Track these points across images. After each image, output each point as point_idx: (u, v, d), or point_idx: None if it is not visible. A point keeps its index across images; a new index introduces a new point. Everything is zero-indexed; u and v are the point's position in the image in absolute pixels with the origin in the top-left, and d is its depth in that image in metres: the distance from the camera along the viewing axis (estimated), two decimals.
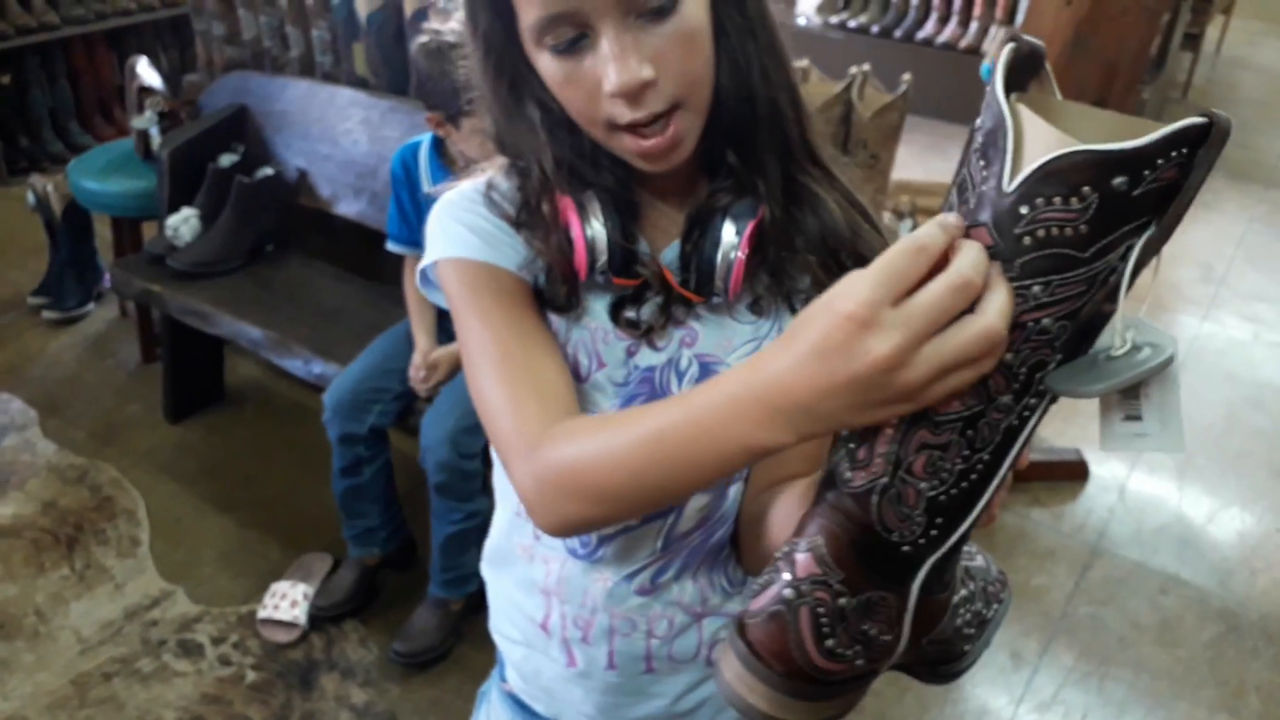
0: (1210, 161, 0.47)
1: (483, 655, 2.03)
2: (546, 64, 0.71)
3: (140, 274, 2.49)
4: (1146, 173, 0.47)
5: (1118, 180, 0.46)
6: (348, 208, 2.48)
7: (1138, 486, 2.65)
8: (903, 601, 0.59)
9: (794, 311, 0.81)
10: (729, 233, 0.75)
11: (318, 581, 2.16)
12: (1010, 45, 0.53)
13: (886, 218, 2.28)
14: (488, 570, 0.99)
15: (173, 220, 2.52)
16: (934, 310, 0.50)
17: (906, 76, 2.17)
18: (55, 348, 3.01)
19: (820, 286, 0.69)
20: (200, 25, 2.98)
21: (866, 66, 2.19)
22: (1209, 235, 4.06)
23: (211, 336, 2.47)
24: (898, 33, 5.03)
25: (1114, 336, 0.52)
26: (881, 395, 0.52)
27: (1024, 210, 0.48)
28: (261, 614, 2.09)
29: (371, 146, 2.44)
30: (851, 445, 0.57)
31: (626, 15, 0.68)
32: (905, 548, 0.57)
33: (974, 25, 4.87)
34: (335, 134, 2.50)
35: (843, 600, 0.57)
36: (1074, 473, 2.66)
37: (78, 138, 4.08)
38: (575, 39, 0.69)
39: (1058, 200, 0.47)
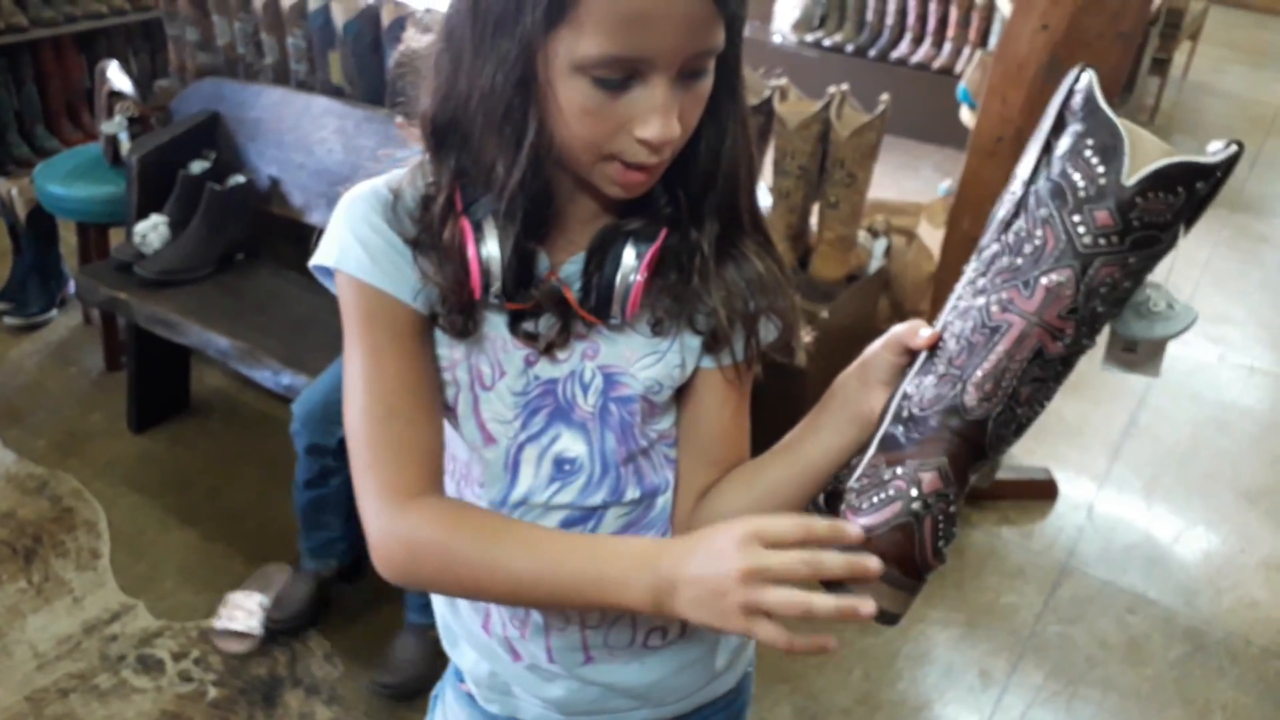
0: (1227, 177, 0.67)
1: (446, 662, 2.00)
2: (577, 90, 0.71)
3: (106, 281, 2.45)
4: (1212, 181, 0.66)
5: (1199, 184, 0.66)
6: (320, 217, 2.45)
7: (1106, 506, 2.67)
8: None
9: (696, 332, 0.84)
10: (629, 256, 0.79)
11: (275, 592, 2.13)
12: (1090, 71, 0.70)
13: (861, 236, 2.29)
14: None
15: (141, 227, 2.49)
16: (786, 563, 0.67)
17: (885, 96, 2.19)
18: (17, 354, 2.96)
19: (719, 322, 0.82)
20: (173, 30, 2.95)
21: (845, 86, 2.20)
22: (1174, 259, 4.11)
23: (178, 345, 2.44)
24: (872, 52, 5.07)
25: (1154, 298, 0.71)
26: (714, 602, 0.68)
27: (1139, 200, 0.65)
28: (217, 624, 2.05)
29: (346, 156, 2.41)
30: (986, 384, 0.71)
31: (682, 73, 0.71)
32: (986, 461, 0.73)
33: (947, 46, 4.92)
34: (309, 142, 2.48)
35: (952, 508, 0.72)
36: (1043, 491, 2.67)
37: (44, 142, 4.02)
38: (626, 79, 0.70)
39: (1162, 195, 0.65)
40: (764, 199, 2.24)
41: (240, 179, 2.54)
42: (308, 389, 2.02)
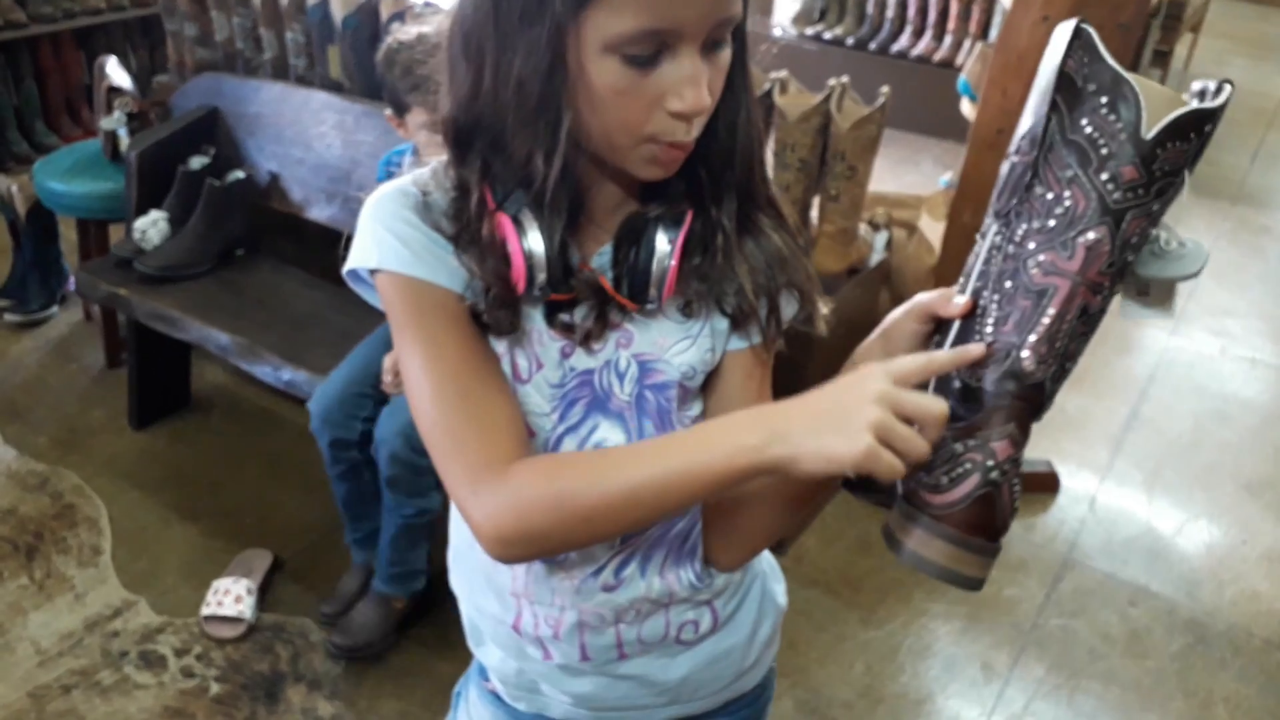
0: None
1: (451, 666, 2.01)
2: (608, 71, 0.71)
3: (106, 277, 2.45)
4: (1218, 120, 0.69)
5: (1208, 128, 0.68)
6: (320, 212, 2.45)
7: (1107, 498, 2.67)
8: None
9: (724, 313, 0.85)
10: (662, 242, 0.79)
11: (260, 576, 2.14)
12: (1088, 26, 0.71)
13: (862, 229, 2.29)
14: (455, 580, 1.00)
15: (140, 223, 2.48)
16: (925, 405, 0.68)
17: (885, 89, 2.18)
18: (17, 351, 2.96)
19: (747, 297, 0.83)
20: (172, 26, 2.95)
21: (845, 79, 2.19)
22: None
23: (179, 341, 2.43)
24: (873, 45, 5.06)
25: (1166, 238, 0.73)
26: (843, 419, 0.67)
27: (1159, 151, 0.68)
28: (205, 611, 2.06)
29: (345, 150, 2.41)
30: (1041, 347, 0.73)
31: (706, 44, 0.73)
32: (1041, 415, 0.75)
33: (948, 39, 4.91)
34: (308, 137, 2.48)
35: (1020, 465, 0.74)
36: (1045, 484, 2.67)
37: (43, 138, 4.02)
38: (655, 54, 0.71)
39: (1179, 143, 0.68)
40: None
41: (240, 174, 2.53)
42: (323, 385, 2.01)
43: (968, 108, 2.90)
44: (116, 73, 2.85)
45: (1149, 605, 2.33)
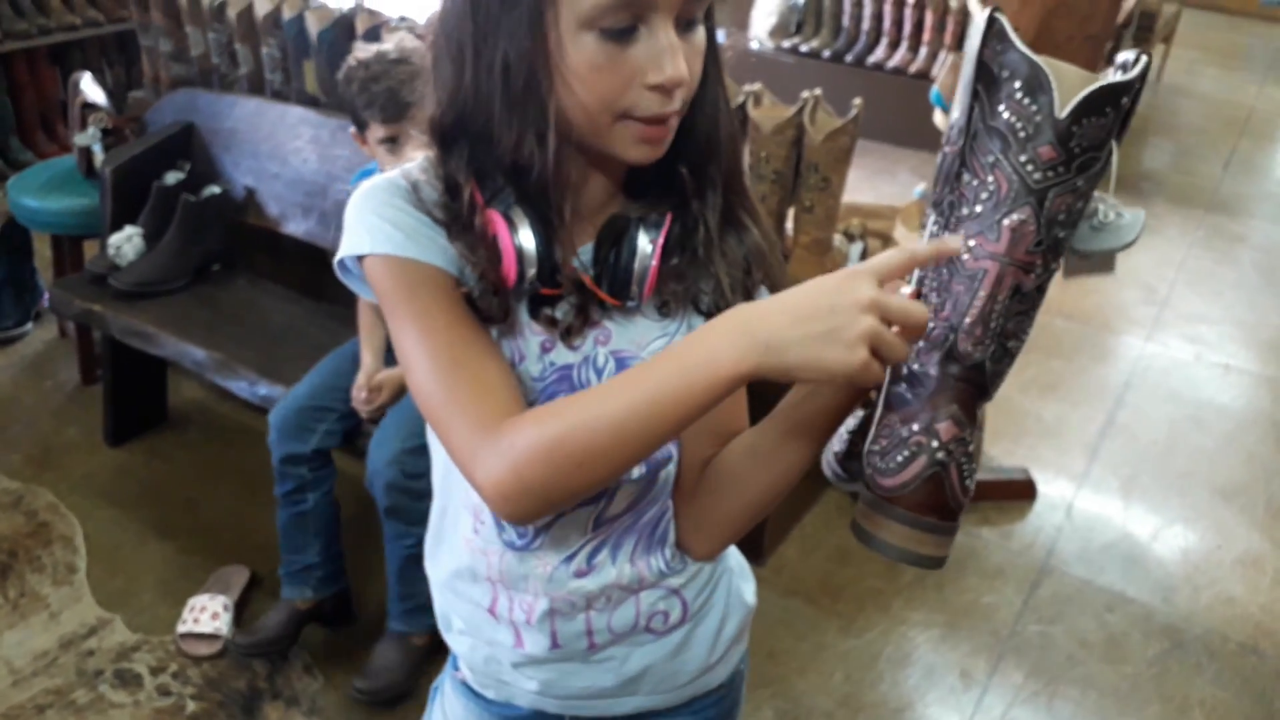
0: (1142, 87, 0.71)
1: (430, 679, 1.99)
2: (586, 47, 0.73)
3: (81, 294, 2.44)
4: (1135, 93, 0.69)
5: (1124, 100, 0.69)
6: (296, 227, 2.45)
7: (1084, 505, 2.68)
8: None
9: (700, 312, 0.87)
10: (644, 241, 0.81)
11: (237, 593, 2.13)
12: (1000, 14, 0.72)
13: (837, 240, 2.30)
14: (431, 565, 1.01)
15: (115, 239, 2.47)
16: (908, 308, 0.68)
17: (857, 101, 2.19)
18: None
19: (724, 294, 0.84)
20: (146, 41, 2.94)
21: (818, 91, 2.20)
22: (1151, 259, 4.15)
23: (154, 357, 2.42)
24: (849, 57, 5.10)
25: (1103, 210, 0.75)
26: (838, 333, 0.66)
27: (1075, 129, 0.68)
28: (181, 629, 2.05)
29: (321, 165, 2.41)
30: (976, 329, 0.74)
31: (679, 17, 0.74)
32: (991, 395, 0.77)
33: (923, 51, 4.95)
34: (284, 152, 2.47)
35: (970, 446, 0.75)
36: (1022, 492, 2.69)
37: (18, 154, 4.00)
38: (629, 27, 0.73)
39: (1094, 118, 0.68)
40: None
41: (215, 189, 2.53)
42: (284, 398, 2.01)
43: (940, 118, 2.92)
44: (91, 89, 2.84)
45: (1126, 611, 2.35)
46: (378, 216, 0.80)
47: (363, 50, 1.81)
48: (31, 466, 2.54)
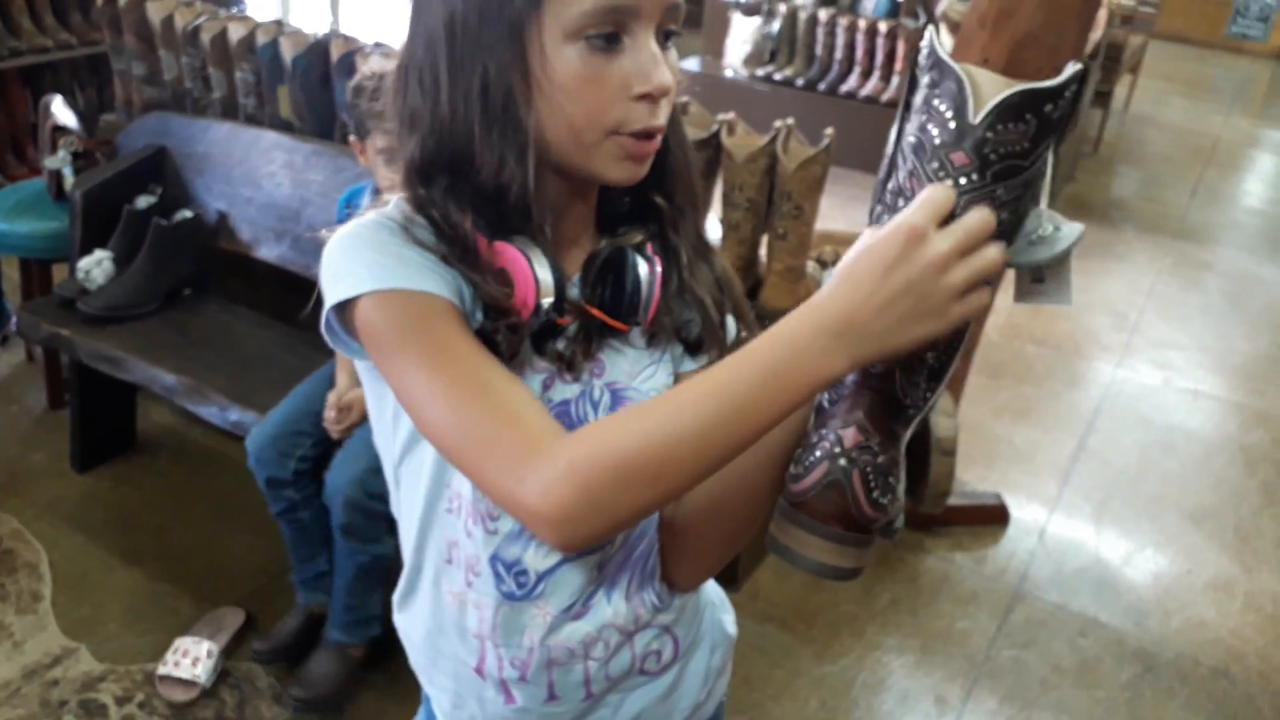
0: (1083, 93, 0.65)
1: (402, 709, 1.97)
2: (571, 60, 0.73)
3: (49, 318, 2.41)
4: (1061, 101, 0.67)
5: (1048, 107, 0.66)
6: (269, 251, 2.43)
7: (1057, 530, 2.70)
8: (900, 456, 0.76)
9: (683, 342, 0.87)
10: (643, 267, 0.82)
11: (227, 638, 2.08)
12: (930, 28, 0.72)
13: (810, 267, 2.32)
14: (401, 619, 0.97)
15: (85, 262, 2.45)
16: (972, 229, 0.66)
17: (829, 130, 2.22)
18: None
19: (710, 323, 0.86)
20: (119, 65, 2.92)
21: (790, 120, 2.22)
22: (1121, 285, 4.21)
23: (123, 382, 2.39)
24: (821, 86, 5.15)
25: (1040, 222, 0.71)
26: (927, 304, 0.65)
27: (989, 135, 0.66)
28: (161, 670, 2.00)
29: (295, 190, 2.40)
30: None
31: (659, 29, 0.75)
32: (910, 411, 0.75)
33: (895, 80, 5.01)
34: (258, 177, 2.46)
35: (880, 459, 0.73)
36: (995, 517, 2.70)
37: None
38: (612, 35, 0.73)
39: (1012, 125, 0.66)
40: (714, 230, 2.25)
41: (187, 213, 2.51)
42: (258, 424, 1.99)
43: None
44: (62, 111, 2.82)
45: (1098, 635, 2.36)
46: (376, 253, 0.76)
47: (371, 65, 1.79)
48: None
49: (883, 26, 4.98)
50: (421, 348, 0.74)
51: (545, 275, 0.77)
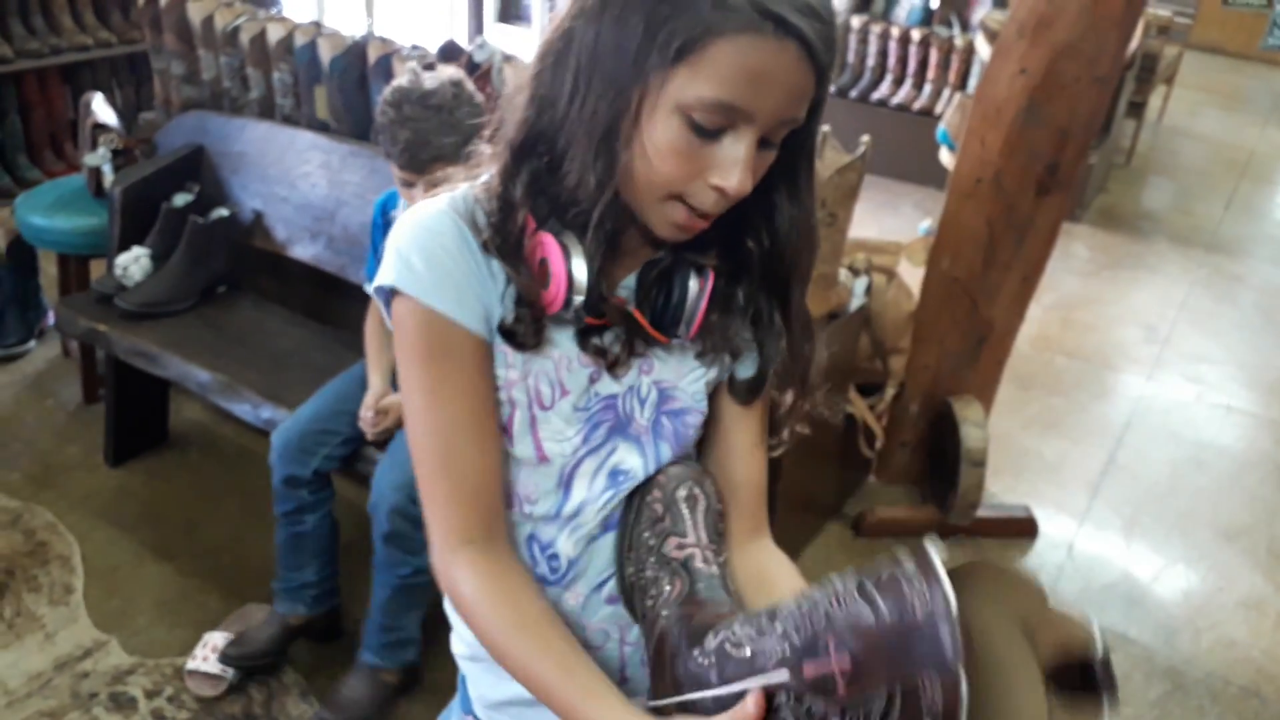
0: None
1: (424, 708, 1.98)
2: (672, 128, 0.75)
3: (86, 313, 2.44)
4: None
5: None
6: (303, 251, 2.45)
7: (1085, 544, 2.68)
8: None
9: (734, 357, 0.90)
10: (694, 283, 0.84)
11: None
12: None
13: (842, 274, 2.31)
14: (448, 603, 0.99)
15: (122, 259, 2.48)
16: None
17: (865, 138, 2.21)
18: None
19: (766, 366, 0.90)
20: (159, 64, 2.96)
21: (827, 128, 2.22)
22: (1152, 297, 4.17)
23: (157, 378, 2.42)
24: (853, 93, 5.14)
25: None
26: None
27: None
28: (189, 665, 2.02)
29: (330, 190, 2.42)
30: None
31: (764, 135, 0.76)
32: None
33: (928, 88, 4.99)
34: (293, 177, 2.48)
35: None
36: (1023, 529, 2.68)
37: (26, 172, 4.01)
38: (719, 130, 0.75)
39: None
40: None
41: (223, 212, 2.54)
42: (286, 420, 2.01)
43: (946, 157, 2.94)
44: (102, 109, 2.86)
45: (1127, 652, 2.33)
46: (424, 257, 0.81)
47: (403, 82, 1.74)
48: (31, 485, 2.53)
49: (915, 34, 4.96)
50: (429, 374, 0.82)
51: (580, 273, 0.80)
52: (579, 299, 0.80)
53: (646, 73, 0.74)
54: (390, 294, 0.82)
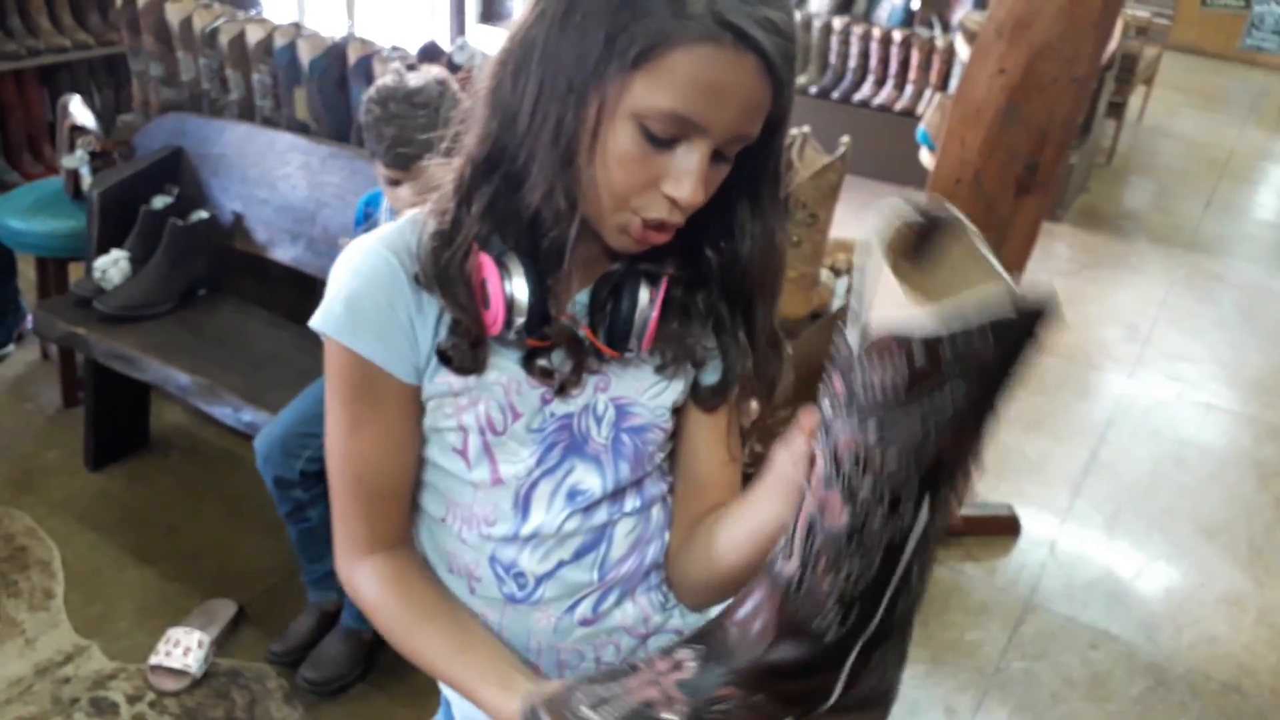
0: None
1: (410, 711, 1.98)
2: (626, 135, 0.74)
3: (65, 316, 2.42)
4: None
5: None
6: (284, 253, 2.44)
7: (1068, 542, 2.69)
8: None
9: (696, 366, 0.89)
10: (645, 294, 0.83)
11: (218, 629, 2.10)
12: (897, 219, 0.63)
13: (824, 275, 2.32)
14: None
15: (101, 262, 2.46)
16: None
17: (845, 139, 2.22)
18: None
19: (730, 374, 0.89)
20: (137, 66, 2.94)
21: (807, 128, 2.22)
22: (1133, 296, 4.19)
23: (137, 381, 2.40)
24: (835, 93, 5.15)
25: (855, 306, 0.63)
26: None
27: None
28: (153, 660, 2.02)
29: (310, 192, 2.41)
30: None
31: (718, 148, 0.76)
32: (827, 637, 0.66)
33: (909, 89, 5.01)
34: (273, 178, 2.47)
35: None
36: (1006, 528, 2.69)
37: (4, 175, 3.97)
38: (672, 140, 0.75)
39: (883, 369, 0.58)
40: None
41: (203, 214, 2.52)
42: (268, 424, 2.00)
43: (927, 157, 2.95)
44: (80, 111, 2.84)
45: (1109, 649, 2.35)
46: (348, 302, 0.81)
47: (389, 80, 1.74)
48: (10, 489, 2.51)
49: (896, 35, 4.97)
50: (349, 411, 0.85)
51: (521, 295, 0.79)
52: (520, 320, 0.80)
53: (606, 81, 0.73)
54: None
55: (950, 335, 0.55)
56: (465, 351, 0.81)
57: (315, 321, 0.84)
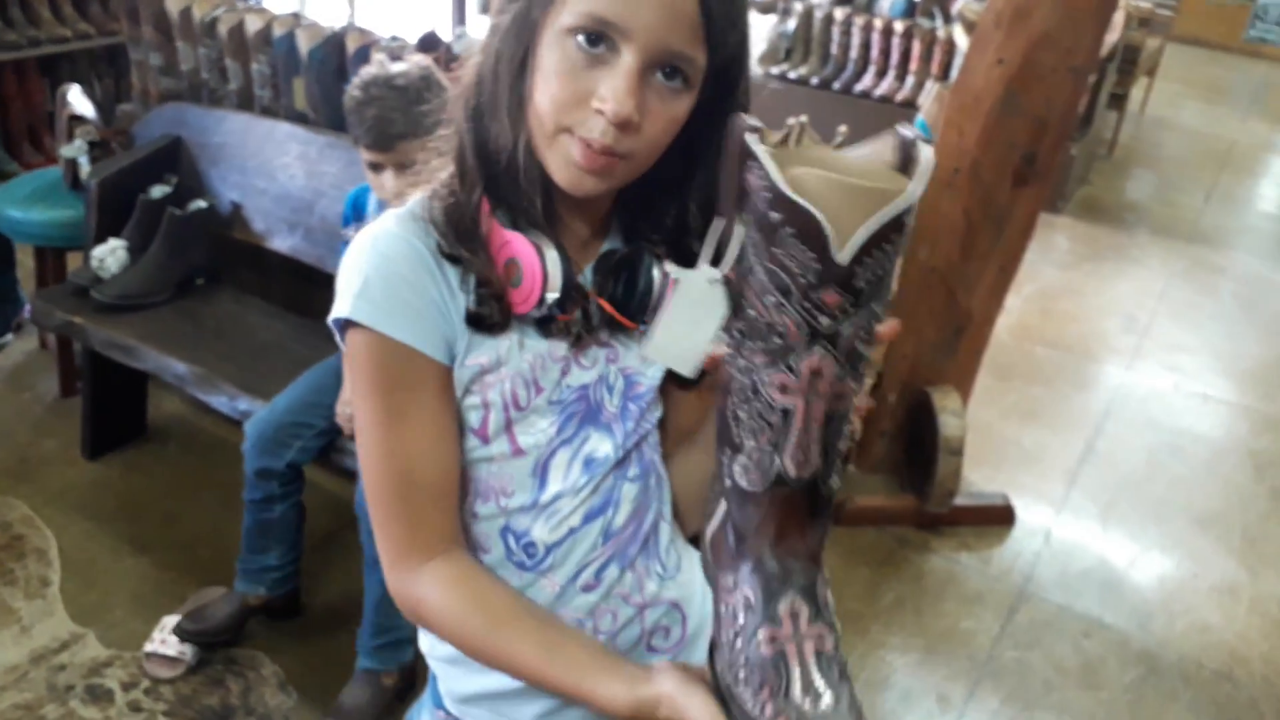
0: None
1: (403, 703, 1.98)
2: (558, 51, 0.76)
3: (63, 305, 2.42)
4: (914, 212, 0.65)
5: (906, 221, 0.64)
6: (282, 242, 2.45)
7: (1062, 532, 2.70)
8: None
9: None
10: (658, 272, 0.85)
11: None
12: (757, 142, 0.66)
13: None
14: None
15: (99, 251, 2.46)
16: None
17: (843, 128, 2.22)
18: None
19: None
20: (136, 55, 2.95)
21: (804, 118, 2.22)
22: (1132, 288, 4.19)
23: (135, 370, 2.41)
24: (836, 85, 5.14)
25: None
26: None
27: (858, 268, 0.64)
28: (148, 647, 2.03)
29: (308, 181, 2.41)
30: (798, 455, 0.71)
31: (653, 65, 0.76)
32: (826, 517, 0.75)
33: (910, 80, 5.00)
34: (272, 168, 2.48)
35: (829, 644, 0.75)
36: (1000, 517, 2.70)
37: (3, 164, 3.98)
38: (600, 40, 0.75)
39: (876, 253, 0.64)
40: None
41: (201, 204, 2.53)
42: (261, 411, 2.01)
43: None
44: (79, 101, 2.84)
45: (1102, 637, 2.35)
46: (381, 284, 0.81)
47: (372, 68, 1.77)
48: (7, 478, 2.52)
49: (898, 26, 4.96)
50: (385, 406, 0.82)
51: (555, 270, 0.80)
52: (552, 296, 0.81)
53: (542, 10, 0.76)
54: (345, 324, 0.82)
55: (914, 205, 0.63)
56: (494, 308, 0.83)
57: (341, 313, 0.81)
